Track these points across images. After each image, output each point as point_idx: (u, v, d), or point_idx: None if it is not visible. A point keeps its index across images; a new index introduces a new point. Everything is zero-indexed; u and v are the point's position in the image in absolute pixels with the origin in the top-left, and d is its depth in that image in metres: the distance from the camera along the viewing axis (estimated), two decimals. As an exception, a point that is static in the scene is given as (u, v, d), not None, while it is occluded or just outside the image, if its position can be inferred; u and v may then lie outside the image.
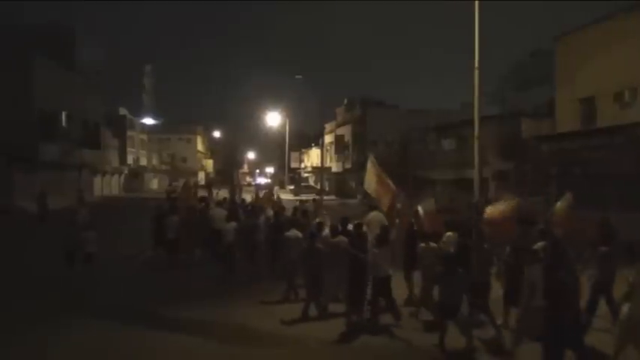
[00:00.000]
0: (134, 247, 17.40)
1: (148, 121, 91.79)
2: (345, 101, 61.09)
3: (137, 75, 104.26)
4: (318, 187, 50.06)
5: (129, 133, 73.11)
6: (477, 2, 16.23)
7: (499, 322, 8.71)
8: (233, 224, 13.82)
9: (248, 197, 24.52)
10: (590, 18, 25.34)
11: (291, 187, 63.85)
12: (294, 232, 11.59)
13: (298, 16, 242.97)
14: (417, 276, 10.35)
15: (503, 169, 27.81)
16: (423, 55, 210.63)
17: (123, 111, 73.49)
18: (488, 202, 12.62)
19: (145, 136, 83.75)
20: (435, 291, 8.98)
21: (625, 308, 6.96)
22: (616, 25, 21.80)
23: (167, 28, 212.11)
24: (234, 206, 17.76)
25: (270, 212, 15.69)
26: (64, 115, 39.91)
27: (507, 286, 8.82)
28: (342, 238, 10.16)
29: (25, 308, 10.46)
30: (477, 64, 16.77)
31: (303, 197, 32.84)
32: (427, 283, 9.66)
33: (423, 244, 9.96)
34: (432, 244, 9.89)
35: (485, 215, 10.17)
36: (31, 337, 8.73)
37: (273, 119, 62.97)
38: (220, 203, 18.37)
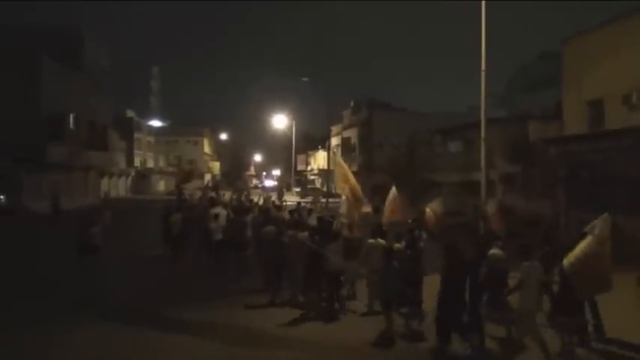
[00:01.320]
0: (142, 246, 17.98)
1: (155, 123, 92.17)
2: (352, 103, 61.04)
3: (144, 77, 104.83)
4: (325, 189, 50.03)
5: (136, 135, 73.43)
6: (483, 2, 16.22)
7: None
8: (219, 223, 14.76)
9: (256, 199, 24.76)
10: (598, 20, 25.24)
11: (298, 189, 63.88)
12: (270, 228, 12.27)
13: (304, 17, 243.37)
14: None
15: (510, 171, 27.67)
16: (430, 56, 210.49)
17: (130, 113, 73.83)
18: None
19: (151, 138, 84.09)
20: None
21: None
22: (624, 27, 21.66)
23: (174, 30, 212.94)
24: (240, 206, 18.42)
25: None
26: (71, 116, 40.12)
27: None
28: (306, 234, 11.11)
29: (30, 308, 10.51)
30: (483, 67, 16.78)
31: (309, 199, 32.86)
32: (371, 276, 10.19)
33: (371, 240, 10.48)
34: (381, 241, 10.38)
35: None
36: (35, 338, 8.74)
37: (280, 121, 63.06)
38: (226, 205, 18.68)
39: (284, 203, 22.24)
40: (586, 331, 8.40)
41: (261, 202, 19.73)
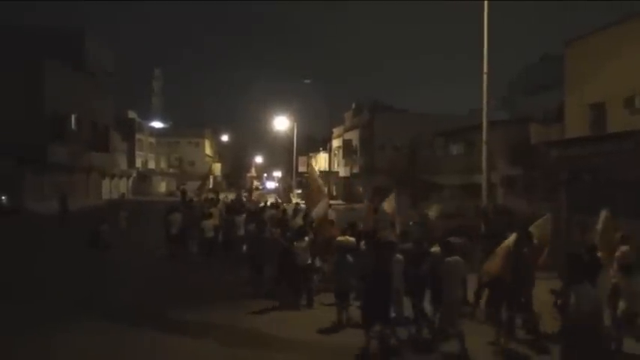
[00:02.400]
0: (146, 246, 18.64)
1: (157, 124, 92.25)
2: (354, 105, 61.05)
3: (146, 78, 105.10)
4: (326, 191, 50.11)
5: (137, 136, 73.46)
6: (485, 2, 16.21)
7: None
8: (210, 221, 15.83)
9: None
10: (602, 22, 25.25)
11: (299, 191, 63.84)
12: (251, 226, 13.27)
13: (306, 18, 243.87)
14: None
15: (511, 174, 27.65)
16: (432, 59, 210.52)
17: (132, 114, 73.87)
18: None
19: (153, 140, 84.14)
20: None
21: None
22: (626, 30, 21.67)
23: (176, 32, 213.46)
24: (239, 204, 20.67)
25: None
26: (73, 117, 40.16)
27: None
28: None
29: (32, 308, 10.52)
30: (485, 69, 16.76)
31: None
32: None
33: (340, 238, 11.07)
34: (350, 238, 11.01)
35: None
36: (35, 339, 8.76)
37: (281, 123, 63.03)
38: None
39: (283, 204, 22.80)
40: (514, 323, 8.88)
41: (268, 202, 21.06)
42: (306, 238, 11.31)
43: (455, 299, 8.33)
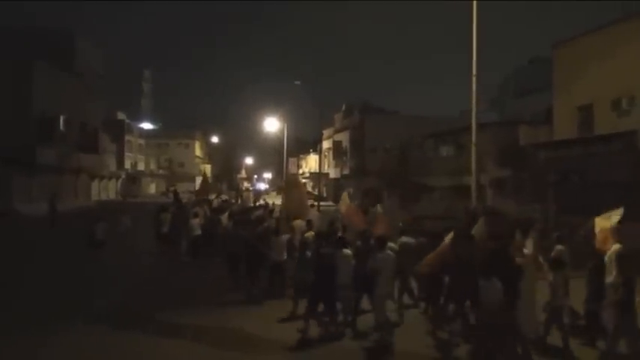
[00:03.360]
0: (139, 246, 18.87)
1: (146, 125, 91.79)
2: (344, 107, 61.14)
3: (136, 79, 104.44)
4: (316, 192, 50.02)
5: (127, 137, 73.15)
6: (474, 2, 16.29)
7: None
8: (197, 220, 16.66)
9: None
10: (589, 24, 25.46)
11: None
12: (229, 224, 14.20)
13: (295, 20, 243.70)
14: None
15: (500, 176, 27.81)
16: (423, 61, 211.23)
17: (121, 115, 73.54)
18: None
19: (142, 141, 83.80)
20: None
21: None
22: (613, 32, 21.89)
23: (166, 33, 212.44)
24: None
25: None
26: (62, 118, 39.88)
27: None
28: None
29: (21, 310, 10.45)
30: (474, 71, 16.84)
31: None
32: None
33: (307, 234, 11.62)
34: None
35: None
36: (26, 341, 8.68)
37: (272, 125, 62.92)
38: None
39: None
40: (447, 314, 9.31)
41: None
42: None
43: (384, 293, 8.79)
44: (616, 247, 8.70)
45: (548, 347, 8.14)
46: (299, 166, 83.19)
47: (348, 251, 9.62)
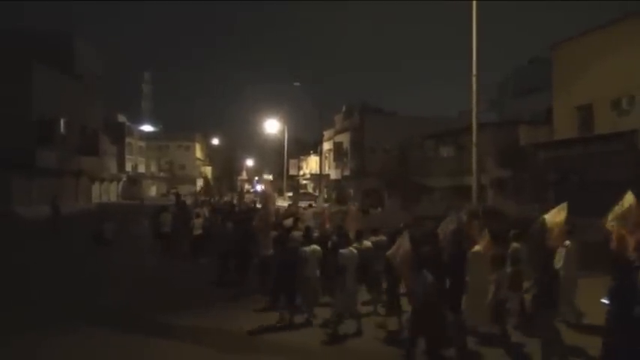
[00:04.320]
0: (142, 247, 18.94)
1: (147, 127, 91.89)
2: (344, 108, 61.13)
3: (136, 82, 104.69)
4: (317, 194, 50.07)
5: (127, 139, 73.12)
6: (474, 2, 16.28)
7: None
8: (199, 220, 17.20)
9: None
10: (588, 25, 25.46)
11: (290, 194, 63.78)
12: (217, 221, 14.91)
13: (296, 21, 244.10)
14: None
15: (501, 176, 27.81)
16: (422, 61, 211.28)
17: (121, 117, 73.50)
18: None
19: (143, 143, 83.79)
20: None
21: None
22: (613, 32, 21.89)
23: (166, 35, 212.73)
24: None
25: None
26: (62, 121, 39.81)
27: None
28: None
29: (27, 311, 10.47)
30: (474, 71, 16.83)
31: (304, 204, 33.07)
32: None
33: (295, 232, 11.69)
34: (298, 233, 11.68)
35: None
36: (24, 343, 8.68)
37: (272, 126, 63.03)
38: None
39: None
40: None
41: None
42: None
43: (348, 287, 9.01)
44: (567, 243, 9.32)
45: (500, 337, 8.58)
46: (299, 168, 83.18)
47: (315, 246, 10.04)
